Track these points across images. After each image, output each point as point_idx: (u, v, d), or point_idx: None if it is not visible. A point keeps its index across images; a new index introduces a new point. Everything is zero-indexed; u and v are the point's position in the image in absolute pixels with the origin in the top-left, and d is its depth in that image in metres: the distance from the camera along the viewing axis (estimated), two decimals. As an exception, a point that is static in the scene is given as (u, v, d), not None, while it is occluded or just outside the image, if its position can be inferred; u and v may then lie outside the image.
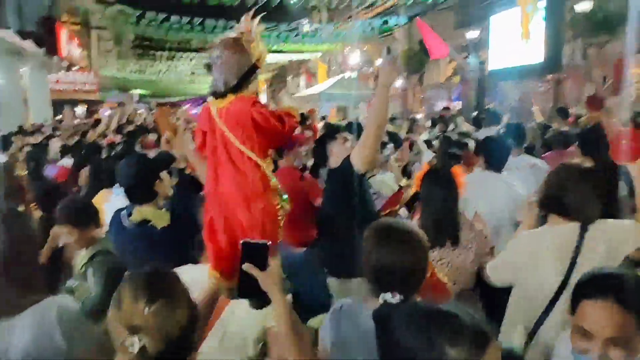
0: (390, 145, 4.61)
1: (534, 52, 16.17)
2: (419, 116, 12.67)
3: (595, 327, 1.33)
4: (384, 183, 4.11)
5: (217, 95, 2.24)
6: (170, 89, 39.26)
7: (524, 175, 4.05)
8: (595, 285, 1.40)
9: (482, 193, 3.54)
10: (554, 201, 2.38)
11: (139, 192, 2.94)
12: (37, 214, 4.21)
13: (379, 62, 28.92)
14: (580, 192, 2.30)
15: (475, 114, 11.98)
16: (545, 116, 10.70)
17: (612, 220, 2.36)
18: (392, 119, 14.16)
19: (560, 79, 15.17)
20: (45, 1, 15.95)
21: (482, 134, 6.22)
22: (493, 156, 3.69)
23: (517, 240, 2.48)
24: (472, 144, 5.27)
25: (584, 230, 2.24)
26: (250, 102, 2.18)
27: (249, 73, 2.26)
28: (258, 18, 2.32)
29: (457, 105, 19.46)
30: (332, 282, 3.26)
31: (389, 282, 1.64)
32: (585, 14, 15.01)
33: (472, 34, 19.53)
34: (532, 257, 2.30)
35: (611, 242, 2.19)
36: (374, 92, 20.29)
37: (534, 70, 16.65)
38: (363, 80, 25.99)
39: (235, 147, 2.10)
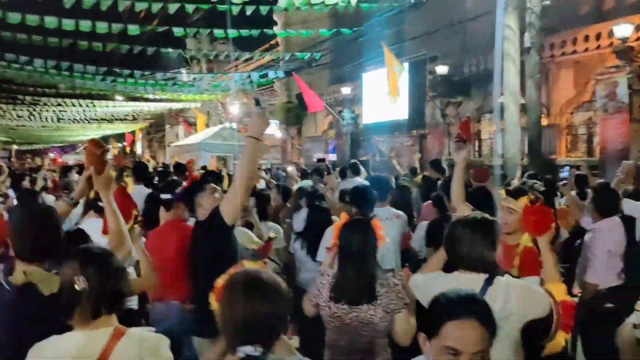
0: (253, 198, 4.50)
1: (401, 110, 17.56)
2: (289, 168, 12.91)
3: (463, 345, 1.47)
4: (244, 234, 4.02)
5: None
6: (34, 135, 36.28)
7: (390, 225, 4.26)
8: (458, 307, 1.53)
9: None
10: (455, 255, 2.35)
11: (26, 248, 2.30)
12: None
13: (268, 114, 29.40)
14: (477, 244, 2.30)
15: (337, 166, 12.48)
16: (406, 169, 11.46)
17: (520, 281, 2.38)
18: (268, 169, 14.33)
19: (424, 135, 16.51)
20: None
21: (344, 185, 6.48)
22: (364, 205, 3.84)
23: (428, 282, 2.45)
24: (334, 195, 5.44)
25: (488, 283, 2.24)
26: None
27: None
28: None
29: (333, 157, 20.23)
30: (199, 341, 3.10)
31: (248, 335, 1.59)
32: (443, 76, 16.68)
33: (345, 90, 20.70)
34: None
35: (513, 301, 2.19)
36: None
37: (402, 125, 18.03)
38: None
39: None
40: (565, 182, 6.60)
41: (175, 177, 6.77)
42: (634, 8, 14.02)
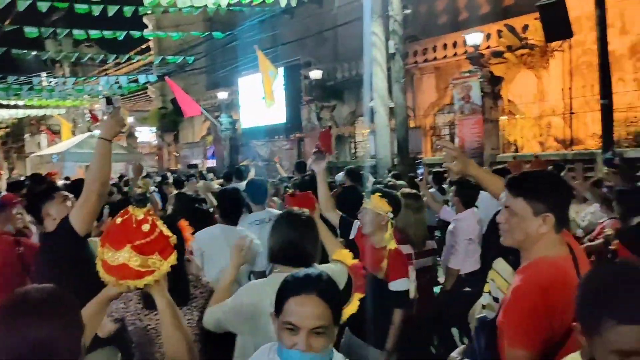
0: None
1: (279, 114, 17.71)
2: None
3: (301, 320, 1.46)
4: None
5: None
6: None
7: (268, 227, 4.23)
8: (299, 283, 1.53)
9: (220, 248, 3.55)
10: (277, 251, 2.38)
11: None
12: None
13: (130, 120, 27.93)
14: (299, 239, 2.36)
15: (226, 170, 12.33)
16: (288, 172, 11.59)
17: (327, 265, 2.47)
18: (147, 176, 13.65)
19: (302, 138, 16.80)
20: None
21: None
22: (227, 210, 3.76)
23: (242, 290, 2.46)
24: (212, 200, 5.32)
25: None
26: None
27: None
28: None
29: (212, 162, 19.84)
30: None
31: None
32: (317, 81, 17.11)
33: (222, 95, 20.41)
34: (256, 307, 2.28)
35: None
36: (127, 151, 19.38)
37: (280, 130, 18.20)
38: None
39: None
40: (421, 178, 7.10)
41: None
42: (485, 19, 15.50)
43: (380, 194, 3.18)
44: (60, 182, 8.62)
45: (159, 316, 1.87)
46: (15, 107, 22.72)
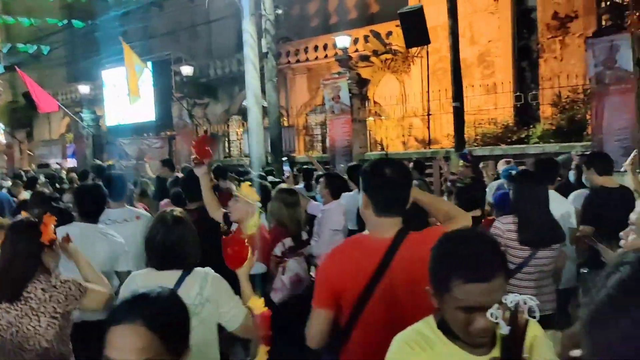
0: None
1: (148, 111, 16.91)
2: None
3: (120, 354, 1.21)
4: None
5: None
6: None
7: (131, 226, 4.03)
8: (122, 309, 1.29)
9: (81, 246, 3.35)
10: (151, 254, 2.41)
11: None
12: None
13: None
14: (170, 239, 2.37)
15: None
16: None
17: (218, 275, 2.43)
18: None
19: (173, 136, 16.22)
20: None
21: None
22: (86, 207, 3.55)
23: (128, 283, 2.40)
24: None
25: (186, 274, 2.32)
26: None
27: None
28: None
29: (72, 162, 18.37)
30: None
31: None
32: (189, 77, 16.64)
33: (84, 89, 18.99)
34: None
35: (208, 289, 2.32)
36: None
37: (149, 127, 17.38)
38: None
39: None
40: (288, 175, 7.40)
41: None
42: (354, 23, 16.23)
43: (249, 183, 3.25)
44: None
45: None
46: None
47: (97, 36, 16.60)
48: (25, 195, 7.08)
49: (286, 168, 9.59)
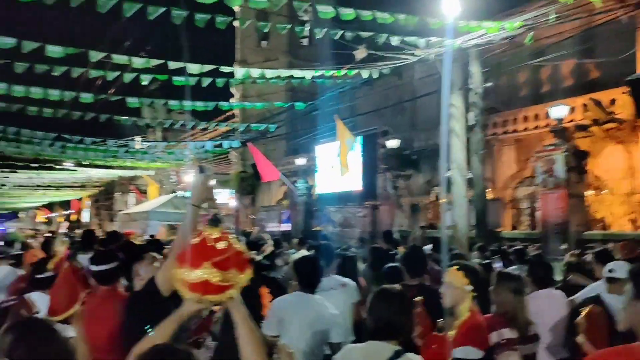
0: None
1: (354, 181, 17.89)
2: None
3: None
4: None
5: None
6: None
7: (335, 294, 4.20)
8: None
9: (296, 315, 3.55)
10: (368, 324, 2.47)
11: None
12: None
13: (212, 182, 29.28)
14: (386, 313, 2.45)
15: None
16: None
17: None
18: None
19: (376, 206, 16.79)
20: None
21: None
22: (307, 278, 3.76)
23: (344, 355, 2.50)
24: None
25: (397, 356, 2.35)
26: None
27: None
28: None
29: (286, 226, 20.15)
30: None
31: None
32: (394, 149, 17.25)
33: (300, 161, 20.99)
34: None
35: None
36: (206, 212, 20.19)
37: (354, 196, 18.31)
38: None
39: None
40: None
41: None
42: (568, 91, 15.17)
43: (457, 267, 3.12)
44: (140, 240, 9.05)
45: (237, 330, 1.91)
46: (111, 167, 24.54)
47: (313, 114, 18.40)
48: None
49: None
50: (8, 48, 8.38)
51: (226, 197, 28.73)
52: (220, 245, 1.89)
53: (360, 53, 17.02)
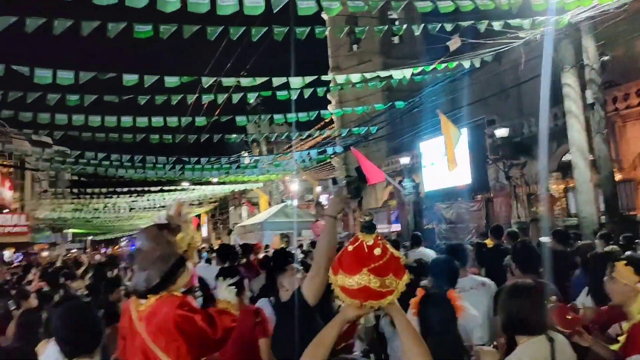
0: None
1: (463, 175, 17.33)
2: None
3: None
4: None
5: (139, 294, 2.04)
6: (107, 226, 38.26)
7: (476, 295, 4.08)
8: None
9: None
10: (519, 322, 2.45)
11: (74, 346, 2.36)
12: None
13: (318, 189, 29.84)
14: (538, 307, 2.44)
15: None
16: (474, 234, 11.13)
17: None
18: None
19: (490, 198, 16.12)
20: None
21: (412, 256, 6.39)
22: (442, 278, 3.70)
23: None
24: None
25: (551, 341, 2.37)
26: (175, 303, 1.99)
27: (176, 267, 2.08)
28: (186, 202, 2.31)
29: (396, 227, 20.01)
30: None
31: None
32: (503, 138, 16.49)
33: (404, 160, 20.76)
34: None
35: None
36: (316, 219, 20.62)
37: (464, 191, 17.73)
38: (304, 207, 26.53)
39: (155, 355, 1.92)
40: None
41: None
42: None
43: (625, 262, 2.89)
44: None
45: (400, 335, 1.91)
46: (223, 183, 25.95)
47: (414, 112, 18.12)
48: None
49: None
50: (131, 85, 9.18)
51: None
52: (377, 251, 1.92)
53: (454, 43, 16.54)
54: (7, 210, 19.64)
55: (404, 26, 9.46)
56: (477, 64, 10.81)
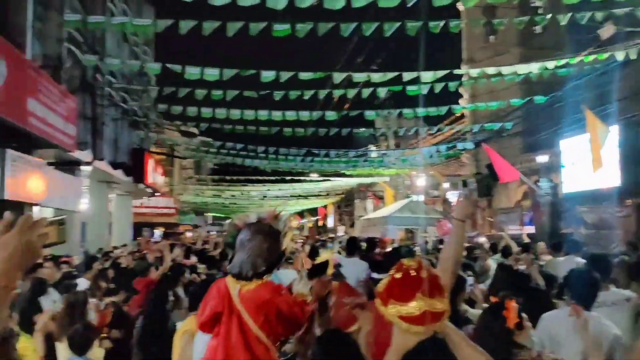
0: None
1: (610, 176, 15.72)
2: (482, 239, 12.30)
3: None
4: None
5: (242, 277, 2.38)
6: (241, 211, 41.00)
7: (619, 311, 3.73)
8: None
9: (564, 336, 3.28)
10: None
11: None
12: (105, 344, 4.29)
13: (445, 185, 29.04)
14: None
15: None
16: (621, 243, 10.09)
17: None
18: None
19: (641, 204, 14.51)
20: (137, 135, 17.73)
21: (563, 263, 5.91)
22: (581, 292, 3.42)
23: None
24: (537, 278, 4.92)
25: None
26: (277, 290, 2.36)
27: (278, 260, 2.47)
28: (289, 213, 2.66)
29: (530, 229, 18.82)
30: None
31: None
32: (660, 137, 14.68)
33: (542, 158, 19.44)
34: None
35: None
36: (442, 216, 20.13)
37: (611, 194, 16.09)
38: (429, 203, 26.00)
39: (252, 332, 2.25)
40: None
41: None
42: None
43: None
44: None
45: (459, 352, 1.91)
46: (350, 176, 26.41)
47: (554, 107, 16.85)
48: (490, 263, 7.41)
49: None
50: (268, 81, 9.73)
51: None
52: (423, 274, 1.96)
53: (607, 31, 15.04)
54: (159, 194, 21.88)
55: (549, 16, 8.83)
56: (632, 56, 9.75)
